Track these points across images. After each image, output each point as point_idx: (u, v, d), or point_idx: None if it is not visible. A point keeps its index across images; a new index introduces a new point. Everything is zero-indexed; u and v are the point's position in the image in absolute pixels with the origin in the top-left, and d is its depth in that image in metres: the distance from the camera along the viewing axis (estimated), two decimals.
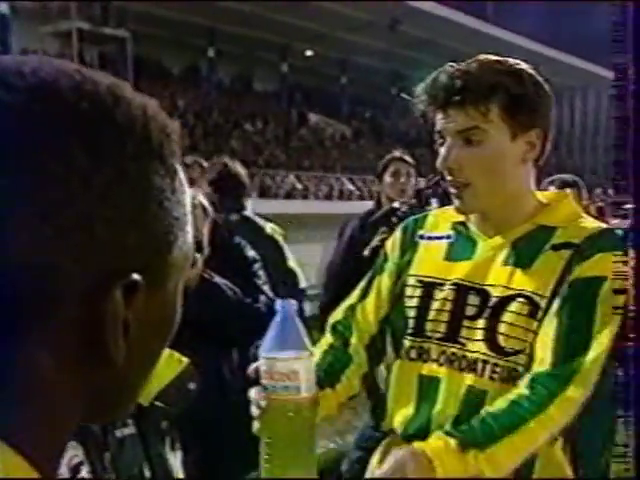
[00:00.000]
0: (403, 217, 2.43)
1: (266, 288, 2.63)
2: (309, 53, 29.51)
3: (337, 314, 1.54)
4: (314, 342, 1.35)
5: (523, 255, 1.36)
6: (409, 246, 1.50)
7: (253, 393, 1.22)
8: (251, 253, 2.69)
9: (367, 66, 27.87)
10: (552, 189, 3.09)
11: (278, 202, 18.63)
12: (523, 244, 1.37)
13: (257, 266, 2.66)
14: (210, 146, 22.97)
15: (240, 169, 3.89)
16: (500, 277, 1.36)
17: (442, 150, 1.36)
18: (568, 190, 1.51)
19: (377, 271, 1.54)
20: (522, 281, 1.34)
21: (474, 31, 25.68)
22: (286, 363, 1.16)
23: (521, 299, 1.32)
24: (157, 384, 1.16)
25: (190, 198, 0.55)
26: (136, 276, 0.47)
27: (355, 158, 26.24)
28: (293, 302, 1.19)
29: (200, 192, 2.55)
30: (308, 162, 24.31)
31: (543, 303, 1.31)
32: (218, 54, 26.86)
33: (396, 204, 3.12)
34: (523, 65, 1.39)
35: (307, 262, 4.86)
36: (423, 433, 1.33)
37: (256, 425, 1.22)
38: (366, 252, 2.96)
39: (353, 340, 1.49)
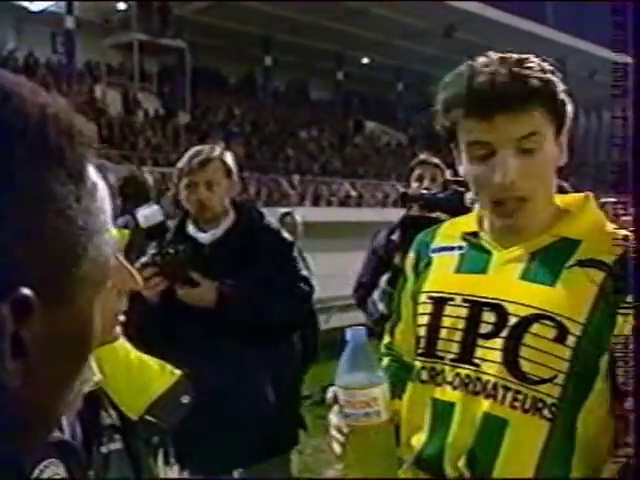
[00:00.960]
0: (413, 224, 2.30)
1: (304, 270, 2.57)
2: (365, 60, 29.48)
3: (385, 337, 1.52)
4: None
5: (544, 270, 1.23)
6: (423, 264, 1.41)
7: (335, 420, 1.24)
8: (287, 235, 2.62)
9: (423, 73, 27.64)
10: None
11: (332, 210, 18.60)
12: (543, 257, 1.25)
13: (294, 248, 2.59)
14: (266, 154, 23.15)
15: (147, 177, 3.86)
16: (518, 293, 1.23)
17: (496, 164, 1.21)
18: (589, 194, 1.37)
19: (401, 293, 1.47)
20: (545, 300, 1.21)
21: (532, 35, 25.21)
22: (365, 391, 1.18)
23: (546, 321, 1.20)
24: (148, 397, 1.13)
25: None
26: (26, 291, 0.42)
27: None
28: (361, 328, 1.20)
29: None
30: (363, 170, 24.24)
31: (575, 329, 1.18)
32: (274, 63, 27.06)
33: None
34: (540, 61, 1.26)
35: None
36: (436, 462, 1.26)
37: (337, 448, 1.24)
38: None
39: (405, 358, 1.46)
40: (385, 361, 1.49)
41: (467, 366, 1.25)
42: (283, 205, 12.16)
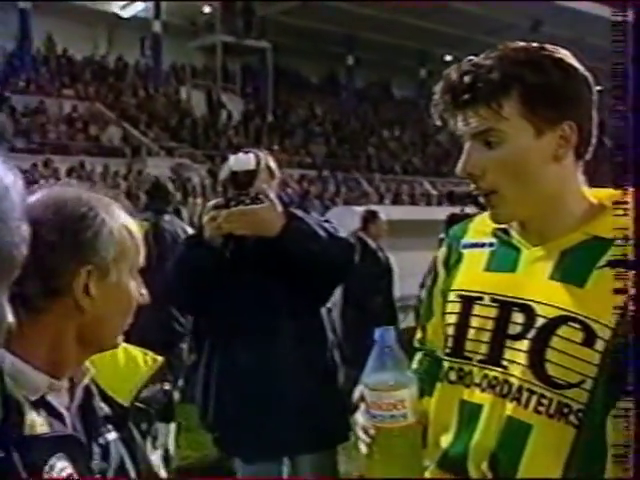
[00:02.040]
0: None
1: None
2: (448, 58, 29.02)
3: (417, 333, 1.48)
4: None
5: (574, 270, 1.18)
6: (454, 260, 1.36)
7: (361, 419, 1.24)
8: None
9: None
10: None
11: (412, 208, 18.39)
12: (573, 257, 1.19)
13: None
14: (347, 153, 23.15)
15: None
16: (547, 293, 1.18)
17: (462, 156, 1.22)
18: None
19: (432, 289, 1.42)
20: (574, 301, 1.15)
21: None
22: (392, 393, 1.17)
23: (573, 323, 1.14)
24: (135, 384, 1.16)
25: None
26: None
27: None
28: (390, 328, 1.19)
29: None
30: (445, 168, 23.91)
31: (604, 333, 1.12)
32: (356, 61, 27.04)
33: (457, 210, 2.90)
34: (550, 49, 1.19)
35: None
36: (460, 463, 1.22)
37: (363, 448, 1.23)
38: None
39: (439, 353, 1.40)
40: (418, 355, 1.46)
41: (495, 368, 1.21)
42: (362, 204, 12.13)
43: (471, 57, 1.21)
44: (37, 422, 0.97)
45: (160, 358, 1.22)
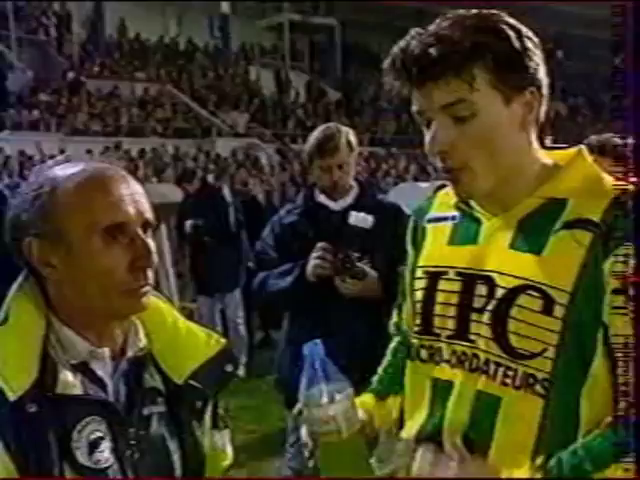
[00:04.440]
0: None
1: None
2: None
3: (393, 316, 1.48)
4: None
5: (531, 236, 1.16)
6: (420, 236, 1.35)
7: (302, 434, 1.26)
8: (406, 209, 2.72)
9: (584, 37, 26.06)
10: None
11: None
12: (530, 223, 1.17)
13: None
14: (416, 129, 22.86)
15: None
16: (506, 263, 1.17)
17: (428, 133, 1.16)
18: (583, 147, 1.24)
19: (404, 270, 1.41)
20: (532, 269, 1.14)
21: None
22: (322, 409, 1.17)
23: (532, 291, 1.13)
24: (193, 363, 1.15)
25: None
26: None
27: (572, 137, 24.77)
28: (318, 342, 1.18)
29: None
30: None
31: (562, 298, 1.10)
32: None
33: None
34: (503, 16, 1.17)
35: None
36: (435, 441, 1.23)
37: (310, 462, 1.26)
38: None
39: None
40: (394, 343, 1.47)
41: (463, 343, 1.20)
42: (433, 179, 11.96)
43: (419, 29, 1.17)
44: (71, 383, 1.02)
45: (223, 340, 1.21)
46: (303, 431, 1.26)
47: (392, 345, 1.47)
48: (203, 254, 5.96)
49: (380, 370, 1.46)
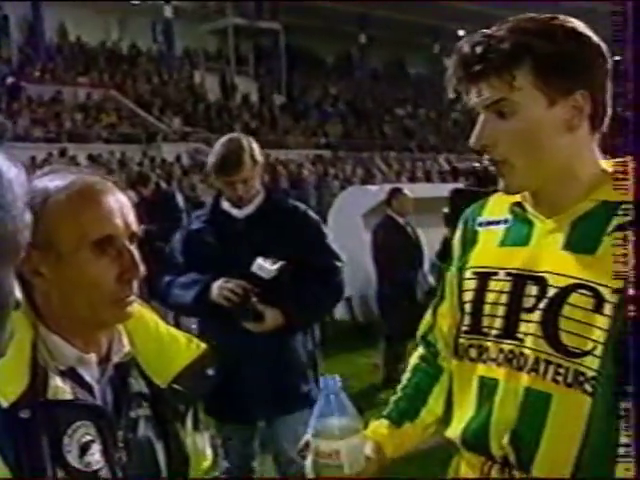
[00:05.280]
0: (460, 198, 2.29)
1: (334, 246, 2.82)
2: (461, 33, 28.79)
3: (423, 323, 1.47)
4: None
5: (584, 238, 1.17)
6: (470, 238, 1.36)
7: (307, 464, 1.25)
8: (313, 214, 2.84)
9: None
10: None
11: (429, 186, 18.36)
12: (584, 225, 1.18)
13: (321, 225, 2.85)
14: (362, 132, 23.07)
15: None
16: (559, 264, 1.18)
17: (475, 127, 1.21)
18: None
19: (448, 271, 1.42)
20: (584, 269, 1.15)
21: None
22: (328, 442, 1.17)
23: (583, 290, 1.14)
24: (175, 367, 1.19)
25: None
26: None
27: None
28: (338, 378, 1.20)
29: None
30: (462, 145, 23.76)
31: (612, 297, 1.11)
32: (370, 40, 26.86)
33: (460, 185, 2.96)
34: (562, 19, 1.18)
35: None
36: (481, 440, 1.22)
37: None
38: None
39: (439, 346, 1.41)
40: (414, 359, 1.48)
41: (510, 341, 1.21)
42: (377, 183, 12.08)
43: (484, 30, 1.20)
44: (61, 389, 1.04)
45: (204, 345, 1.25)
46: (308, 461, 1.25)
47: (412, 361, 1.48)
48: (154, 259, 5.94)
49: (399, 389, 1.46)
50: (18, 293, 0.67)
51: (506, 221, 1.30)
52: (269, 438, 2.85)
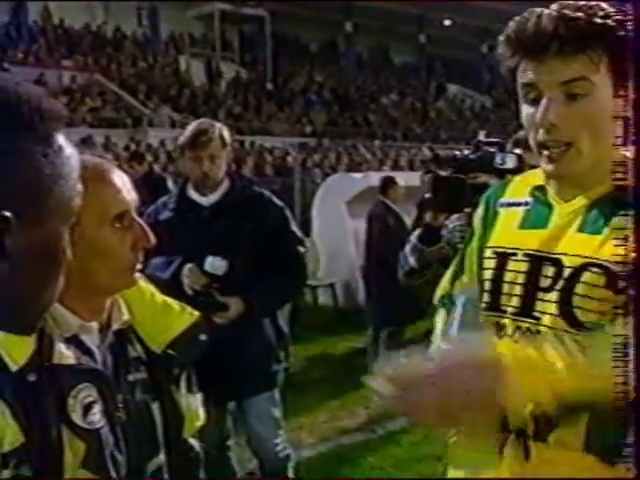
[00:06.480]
0: (441, 184, 2.29)
1: (298, 232, 2.92)
2: (447, 23, 28.83)
3: (441, 287, 1.52)
4: None
5: (600, 219, 1.22)
6: (491, 217, 1.41)
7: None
8: (277, 200, 2.93)
9: None
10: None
11: (414, 174, 18.44)
12: (601, 207, 1.23)
13: (286, 211, 2.93)
14: (347, 120, 23.10)
15: None
16: (574, 245, 1.23)
17: (540, 106, 1.21)
18: None
19: (466, 247, 1.48)
20: (596, 248, 1.20)
21: None
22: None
23: (595, 268, 1.19)
24: (170, 334, 1.29)
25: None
26: (7, 213, 0.64)
27: (496, 129, 25.46)
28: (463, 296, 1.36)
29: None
30: (446, 135, 23.87)
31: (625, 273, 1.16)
32: (355, 28, 26.83)
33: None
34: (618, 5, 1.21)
35: None
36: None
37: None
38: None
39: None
40: (442, 313, 1.49)
41: (528, 319, 1.26)
42: (362, 171, 12.12)
43: (538, 9, 1.20)
44: (65, 354, 1.14)
45: (196, 312, 1.35)
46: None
47: (441, 315, 1.49)
48: None
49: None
50: (69, 252, 0.77)
51: (527, 203, 1.35)
52: (241, 420, 2.93)
